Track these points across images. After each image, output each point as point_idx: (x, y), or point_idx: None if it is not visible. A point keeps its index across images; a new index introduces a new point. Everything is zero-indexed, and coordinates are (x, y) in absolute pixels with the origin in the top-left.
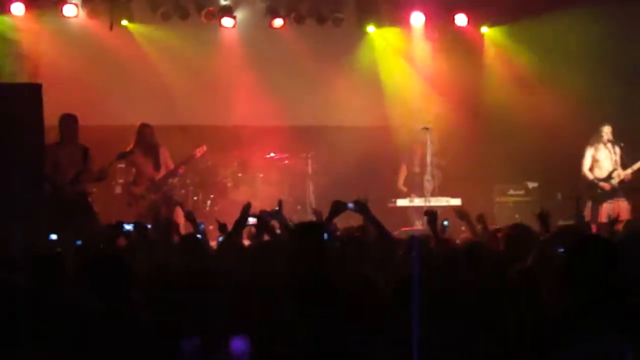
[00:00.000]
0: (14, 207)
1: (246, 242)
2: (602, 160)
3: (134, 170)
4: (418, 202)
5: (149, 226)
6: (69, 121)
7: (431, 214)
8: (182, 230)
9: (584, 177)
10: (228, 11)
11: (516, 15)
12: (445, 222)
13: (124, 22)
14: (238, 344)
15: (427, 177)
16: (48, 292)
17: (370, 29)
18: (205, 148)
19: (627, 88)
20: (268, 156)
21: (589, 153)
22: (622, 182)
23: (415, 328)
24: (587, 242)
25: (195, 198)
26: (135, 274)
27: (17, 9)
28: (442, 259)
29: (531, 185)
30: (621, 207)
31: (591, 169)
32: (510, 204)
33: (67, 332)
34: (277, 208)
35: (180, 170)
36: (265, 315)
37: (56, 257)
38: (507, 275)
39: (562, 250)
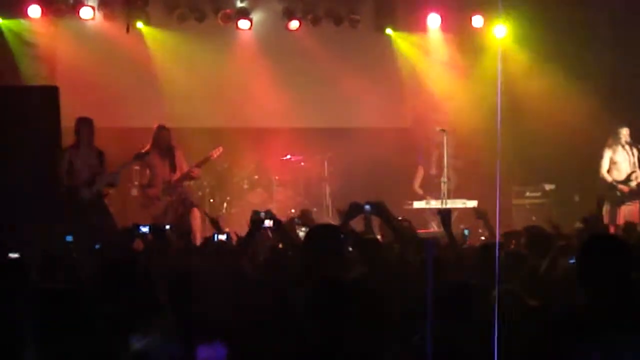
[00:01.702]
0: (30, 208)
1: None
2: (620, 162)
3: (148, 172)
4: (434, 204)
5: (167, 227)
6: (85, 125)
7: (445, 213)
8: (199, 232)
9: (602, 180)
10: (244, 13)
11: (533, 17)
12: (466, 232)
13: (141, 25)
14: (213, 351)
15: (444, 179)
16: (61, 294)
17: (387, 30)
18: (221, 149)
19: None
20: (284, 158)
21: (606, 155)
22: None
23: (428, 332)
24: (600, 240)
25: (211, 200)
26: (151, 277)
27: (34, 11)
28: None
29: (548, 187)
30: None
31: (609, 171)
32: (527, 206)
33: (78, 334)
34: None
35: (195, 172)
36: (278, 317)
37: (70, 259)
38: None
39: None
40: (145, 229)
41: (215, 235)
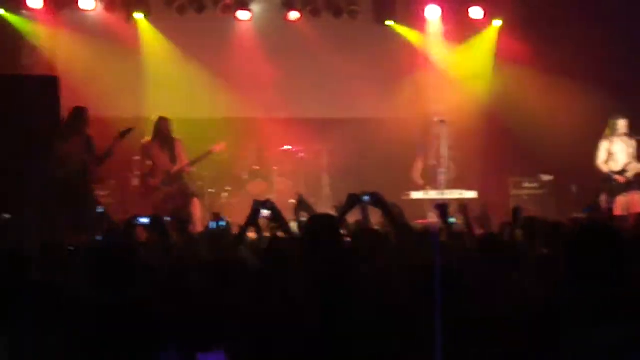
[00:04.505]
0: (29, 198)
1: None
2: (617, 153)
3: (149, 163)
4: (433, 194)
5: (170, 219)
6: (76, 113)
7: (442, 208)
8: (200, 222)
9: (599, 170)
10: (244, 4)
11: (531, 7)
12: (453, 220)
13: (141, 16)
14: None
15: (442, 169)
16: (55, 284)
17: (387, 22)
18: (224, 145)
19: None
20: (283, 149)
21: (603, 146)
22: (637, 175)
23: (437, 322)
24: (592, 230)
25: (211, 190)
26: (147, 268)
27: (35, 2)
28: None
29: (546, 178)
30: (636, 200)
31: (606, 162)
32: (524, 196)
33: (70, 324)
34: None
35: (190, 168)
36: (278, 308)
37: (65, 249)
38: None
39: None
40: (145, 220)
41: (214, 223)
